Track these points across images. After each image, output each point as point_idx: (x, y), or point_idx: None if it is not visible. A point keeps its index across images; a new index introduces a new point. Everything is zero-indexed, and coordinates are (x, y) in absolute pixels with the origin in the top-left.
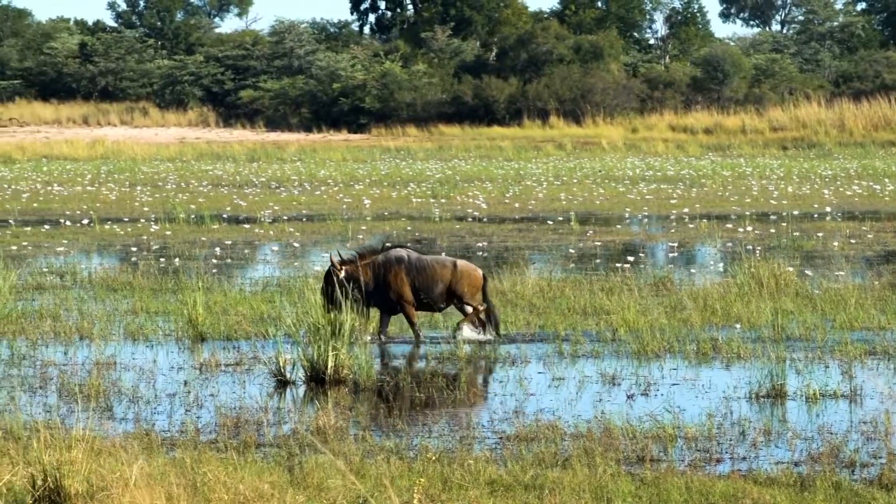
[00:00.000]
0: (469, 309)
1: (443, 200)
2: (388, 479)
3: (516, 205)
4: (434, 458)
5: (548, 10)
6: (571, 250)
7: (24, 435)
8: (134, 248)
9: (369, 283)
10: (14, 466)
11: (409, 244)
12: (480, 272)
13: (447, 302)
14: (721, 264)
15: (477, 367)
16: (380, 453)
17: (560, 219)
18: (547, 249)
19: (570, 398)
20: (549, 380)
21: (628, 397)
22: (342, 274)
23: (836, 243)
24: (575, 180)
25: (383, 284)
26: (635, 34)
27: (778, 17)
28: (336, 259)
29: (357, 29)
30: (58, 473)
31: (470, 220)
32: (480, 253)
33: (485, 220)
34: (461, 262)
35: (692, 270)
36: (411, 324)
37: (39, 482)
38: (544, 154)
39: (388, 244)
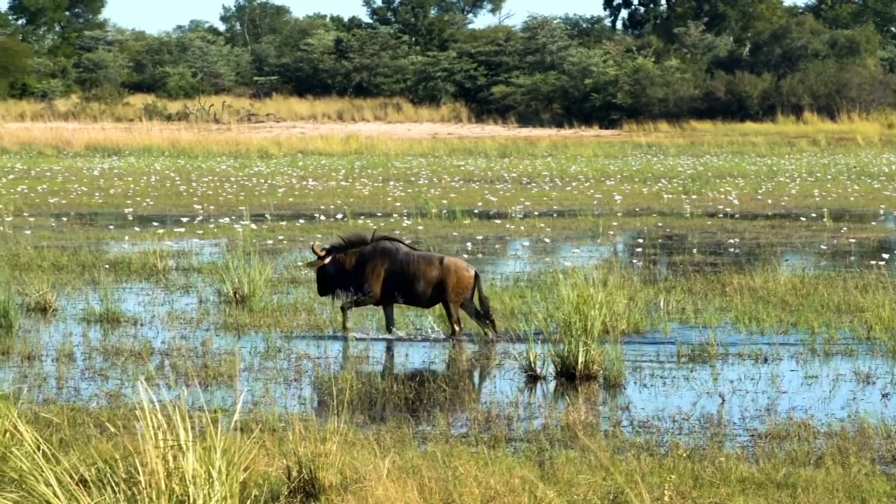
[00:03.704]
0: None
1: (694, 197)
2: (638, 475)
3: (769, 201)
4: (685, 454)
5: (802, 5)
6: (824, 247)
7: (279, 427)
8: None
9: (352, 270)
10: (270, 458)
11: (401, 237)
12: (471, 271)
13: (434, 299)
14: None
15: (727, 364)
16: (630, 449)
17: (813, 215)
18: (799, 246)
19: (824, 396)
20: (802, 377)
21: (883, 396)
22: (327, 261)
23: None
24: (829, 176)
25: (360, 272)
26: (893, 28)
27: None
28: (318, 246)
29: (609, 24)
30: (312, 465)
31: (721, 216)
32: (732, 249)
33: (736, 216)
34: (449, 260)
35: None
36: (344, 312)
37: (294, 473)
38: (798, 150)
39: (379, 235)
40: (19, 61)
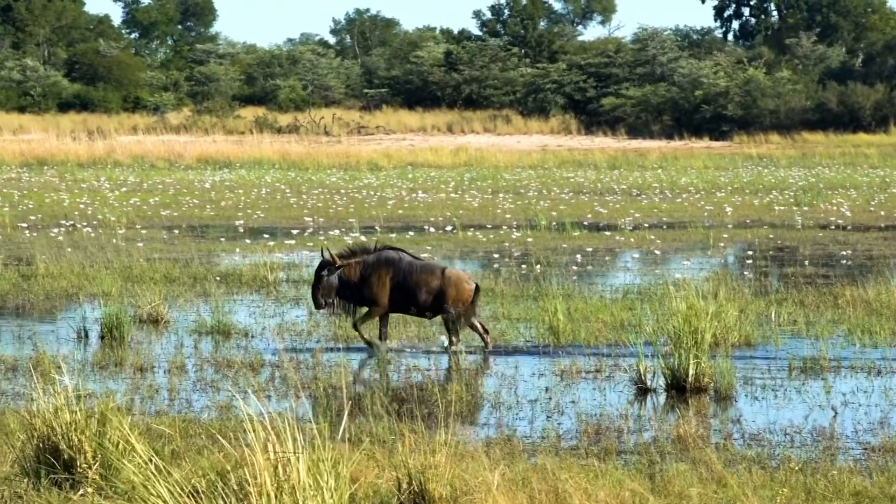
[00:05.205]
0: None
1: (805, 208)
2: (750, 488)
3: (881, 213)
4: (797, 468)
5: None
6: None
7: (389, 439)
8: (496, 255)
9: (357, 281)
10: (380, 470)
11: (403, 248)
12: (472, 283)
13: (434, 310)
14: None
15: (839, 376)
16: (741, 462)
17: None
18: None
19: None
20: None
21: None
22: (336, 272)
23: None
24: None
25: (366, 283)
26: None
27: None
28: (328, 255)
29: (720, 36)
30: (422, 477)
31: (833, 228)
32: (844, 261)
33: (849, 228)
34: (450, 271)
35: None
36: (357, 329)
37: (404, 485)
38: None
39: (381, 245)
40: (132, 75)
